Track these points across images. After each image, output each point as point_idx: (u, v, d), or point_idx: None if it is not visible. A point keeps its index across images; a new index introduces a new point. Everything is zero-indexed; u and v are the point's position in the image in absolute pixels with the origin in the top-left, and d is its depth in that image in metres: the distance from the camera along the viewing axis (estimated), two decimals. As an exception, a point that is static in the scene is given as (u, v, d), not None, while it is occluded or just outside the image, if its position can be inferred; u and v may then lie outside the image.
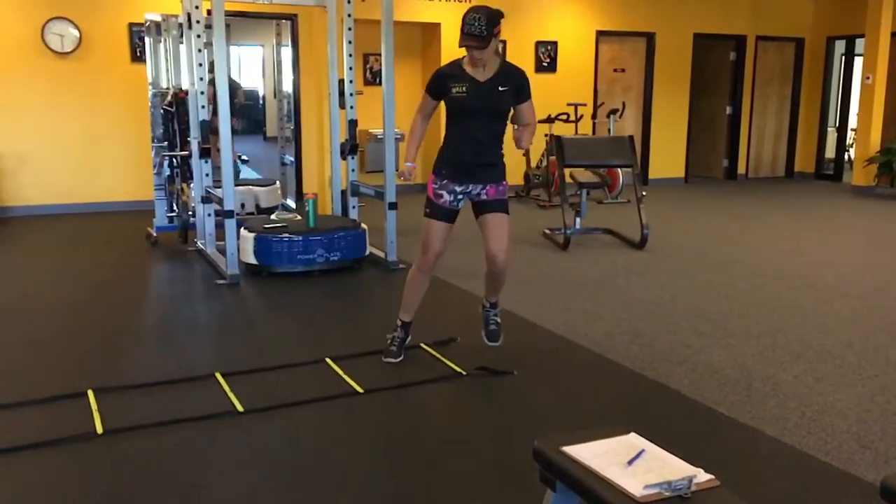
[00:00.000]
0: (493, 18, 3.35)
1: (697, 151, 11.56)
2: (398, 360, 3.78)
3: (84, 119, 8.06)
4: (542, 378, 3.67)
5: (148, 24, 6.93)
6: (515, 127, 3.65)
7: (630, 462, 1.80)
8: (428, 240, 3.63)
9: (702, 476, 1.73)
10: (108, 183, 8.22)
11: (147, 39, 7.05)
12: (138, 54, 7.99)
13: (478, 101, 3.47)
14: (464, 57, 3.50)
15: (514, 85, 3.52)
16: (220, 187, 5.51)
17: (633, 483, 1.70)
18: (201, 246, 6.18)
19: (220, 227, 5.70)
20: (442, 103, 3.60)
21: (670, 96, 10.95)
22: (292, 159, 8.59)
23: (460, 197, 3.60)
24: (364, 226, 5.88)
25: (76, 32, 7.87)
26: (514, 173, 9.63)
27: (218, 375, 3.54)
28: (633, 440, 1.92)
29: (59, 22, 7.80)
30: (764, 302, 4.96)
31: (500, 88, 3.49)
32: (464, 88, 3.45)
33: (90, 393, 3.31)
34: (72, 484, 2.67)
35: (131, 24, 8.04)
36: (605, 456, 1.83)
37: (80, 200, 8.12)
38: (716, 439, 3.03)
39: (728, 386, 3.53)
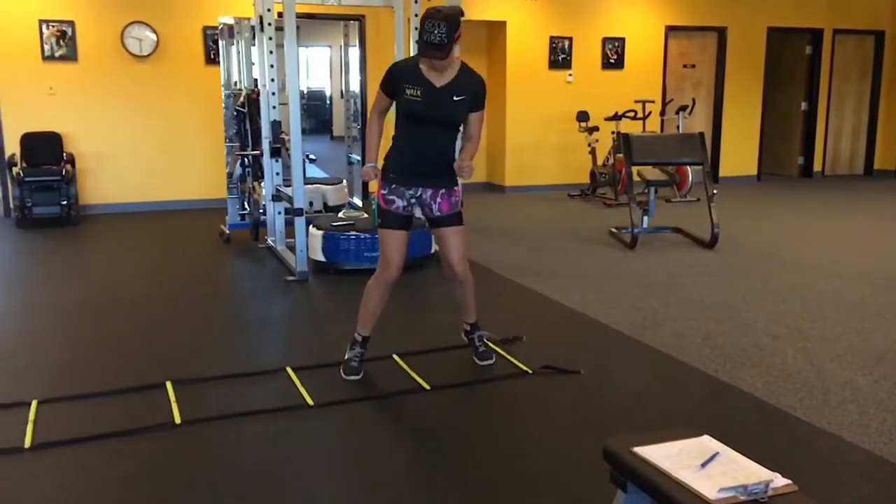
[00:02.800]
0: (453, 23, 3.15)
1: (771, 148, 11.24)
2: (359, 376, 3.56)
3: (160, 120, 8.34)
4: (610, 378, 3.64)
5: (221, 27, 7.13)
6: (458, 155, 3.43)
7: (703, 465, 1.77)
8: (386, 252, 3.49)
9: (779, 480, 1.69)
10: (183, 182, 8.49)
11: (220, 42, 7.26)
12: (212, 57, 8.23)
13: (431, 108, 3.31)
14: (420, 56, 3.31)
15: (470, 94, 3.35)
16: (289, 186, 5.63)
17: (707, 486, 1.67)
18: (271, 243, 6.32)
19: (289, 224, 5.82)
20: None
21: (742, 92, 10.67)
22: (359, 158, 8.69)
23: (413, 201, 3.47)
24: (430, 224, 5.91)
25: (153, 36, 8.15)
26: (580, 171, 9.61)
27: (289, 369, 3.62)
28: (707, 442, 1.89)
29: (137, 26, 8.08)
30: (841, 304, 4.80)
31: (455, 98, 3.32)
32: (418, 92, 3.28)
33: (168, 384, 3.43)
34: (153, 471, 2.77)
35: (205, 28, 8.28)
36: (678, 458, 1.80)
37: (157, 199, 8.41)
38: (791, 444, 2.95)
39: (804, 390, 3.43)
